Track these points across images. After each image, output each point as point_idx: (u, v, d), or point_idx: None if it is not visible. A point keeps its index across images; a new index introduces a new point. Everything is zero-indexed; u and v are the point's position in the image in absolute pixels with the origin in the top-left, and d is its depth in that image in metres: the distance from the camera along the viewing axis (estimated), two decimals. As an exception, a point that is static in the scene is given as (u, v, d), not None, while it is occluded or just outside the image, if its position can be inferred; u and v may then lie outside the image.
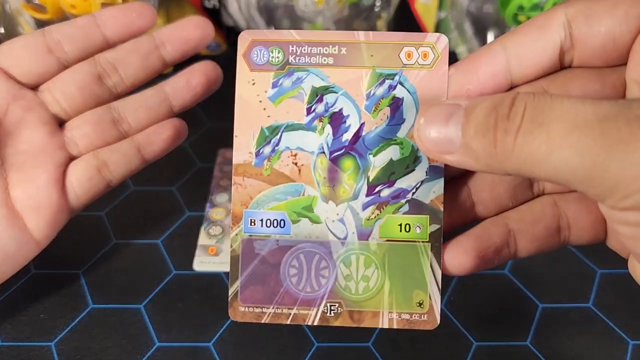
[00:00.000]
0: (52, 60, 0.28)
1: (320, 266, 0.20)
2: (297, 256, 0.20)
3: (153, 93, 0.29)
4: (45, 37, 0.28)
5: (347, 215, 0.20)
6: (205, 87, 0.29)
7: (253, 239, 0.20)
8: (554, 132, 0.15)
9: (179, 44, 0.29)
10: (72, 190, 0.28)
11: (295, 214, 0.20)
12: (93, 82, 0.28)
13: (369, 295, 0.20)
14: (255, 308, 0.20)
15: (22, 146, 0.27)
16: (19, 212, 0.26)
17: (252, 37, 0.20)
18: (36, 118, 0.27)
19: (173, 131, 0.29)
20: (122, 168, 0.28)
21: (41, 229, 0.27)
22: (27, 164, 0.27)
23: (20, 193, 0.26)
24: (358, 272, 0.20)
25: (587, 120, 0.15)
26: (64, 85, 0.28)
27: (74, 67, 0.28)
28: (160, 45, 0.29)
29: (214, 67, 0.29)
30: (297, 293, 0.20)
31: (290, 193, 0.19)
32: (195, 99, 0.30)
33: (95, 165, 0.28)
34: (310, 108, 0.20)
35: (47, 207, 0.27)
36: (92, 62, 0.28)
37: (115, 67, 0.28)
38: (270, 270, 0.20)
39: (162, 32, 0.29)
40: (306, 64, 0.20)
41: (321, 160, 0.20)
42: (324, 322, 0.20)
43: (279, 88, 0.20)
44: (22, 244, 0.26)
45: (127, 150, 0.28)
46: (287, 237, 0.20)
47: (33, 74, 0.28)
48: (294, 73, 0.20)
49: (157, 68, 0.29)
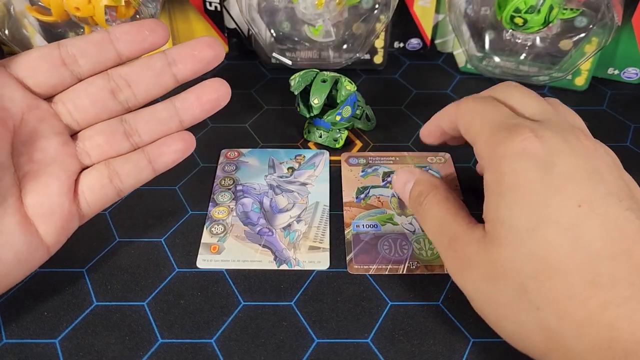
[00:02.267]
0: (66, 72, 0.28)
1: (402, 244, 0.33)
2: (387, 239, 0.33)
3: (164, 107, 0.30)
4: (60, 50, 0.28)
5: (413, 221, 0.34)
6: (215, 104, 0.30)
7: (358, 233, 0.33)
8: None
9: (190, 63, 0.29)
10: (84, 198, 0.29)
11: (383, 221, 0.34)
12: (106, 96, 0.29)
13: (435, 257, 0.32)
14: (363, 265, 0.31)
15: (37, 155, 0.28)
16: (31, 218, 0.27)
17: (348, 155, 0.39)
18: (50, 128, 0.28)
19: (182, 144, 0.30)
20: (133, 178, 0.29)
21: (52, 235, 0.27)
22: (40, 173, 0.27)
23: (33, 200, 0.27)
24: (426, 246, 0.33)
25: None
26: (77, 97, 0.29)
27: (88, 80, 0.29)
28: (172, 64, 0.29)
29: (223, 84, 0.31)
30: (389, 258, 0.32)
31: (378, 213, 0.35)
32: (204, 115, 0.30)
33: (107, 175, 0.29)
34: (383, 179, 0.37)
35: (59, 214, 0.27)
36: (105, 76, 0.29)
37: (128, 82, 0.29)
38: (370, 247, 0.32)
39: (174, 51, 0.30)
40: (377, 163, 0.39)
41: (393, 199, 0.36)
42: (409, 272, 0.31)
43: (365, 172, 0.38)
44: (34, 249, 0.27)
45: (138, 161, 0.29)
46: (379, 232, 0.33)
47: (47, 85, 0.28)
48: (372, 166, 0.38)
49: (168, 85, 0.30)
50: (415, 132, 0.41)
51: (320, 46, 0.45)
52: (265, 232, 0.33)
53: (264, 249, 0.32)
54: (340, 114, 0.38)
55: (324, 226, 0.34)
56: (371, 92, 0.45)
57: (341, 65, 0.45)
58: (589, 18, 0.40)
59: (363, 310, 0.29)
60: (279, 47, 0.45)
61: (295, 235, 0.33)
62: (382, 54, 0.47)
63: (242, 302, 0.30)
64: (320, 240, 0.33)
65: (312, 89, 0.37)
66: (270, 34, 0.44)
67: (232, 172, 0.38)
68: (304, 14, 0.42)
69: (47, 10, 0.39)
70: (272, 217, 0.34)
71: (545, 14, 0.38)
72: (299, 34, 0.44)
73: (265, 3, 0.43)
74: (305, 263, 0.32)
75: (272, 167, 0.38)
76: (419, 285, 0.31)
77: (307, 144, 0.40)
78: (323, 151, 0.40)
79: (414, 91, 0.46)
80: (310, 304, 0.30)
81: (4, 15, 0.40)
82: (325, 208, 0.35)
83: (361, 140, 0.41)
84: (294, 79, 0.38)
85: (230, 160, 0.39)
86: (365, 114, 0.41)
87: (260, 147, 0.40)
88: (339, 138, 0.39)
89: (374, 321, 0.29)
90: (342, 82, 0.37)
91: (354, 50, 0.45)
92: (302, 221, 0.34)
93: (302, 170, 0.38)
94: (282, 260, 0.32)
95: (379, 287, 0.30)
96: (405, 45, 0.49)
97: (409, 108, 0.44)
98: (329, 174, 0.38)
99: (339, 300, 0.30)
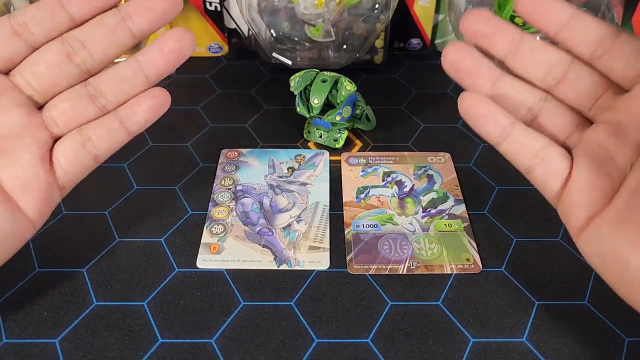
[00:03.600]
0: (20, 43, 0.28)
1: (402, 244, 0.33)
2: (387, 239, 0.33)
3: (126, 65, 0.29)
4: (11, 20, 0.28)
5: (413, 221, 0.35)
6: (178, 53, 0.28)
7: (358, 233, 0.33)
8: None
9: (145, 14, 0.28)
10: (60, 167, 0.28)
11: (383, 221, 0.34)
12: (61, 60, 0.28)
13: (435, 257, 0.32)
14: (363, 265, 0.32)
15: (1, 130, 0.27)
16: (9, 193, 0.27)
17: (348, 155, 0.39)
18: (11, 101, 0.28)
19: (154, 101, 0.28)
20: (106, 142, 0.28)
21: (34, 209, 0.27)
22: (9, 147, 0.27)
23: (7, 175, 0.27)
24: (425, 246, 0.33)
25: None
26: (33, 66, 0.28)
27: (43, 47, 0.28)
28: (127, 18, 0.28)
29: (185, 32, 0.28)
30: (389, 257, 0.32)
31: (378, 213, 0.35)
32: (169, 67, 0.29)
33: (80, 142, 0.28)
34: (383, 179, 0.37)
35: (35, 186, 0.27)
36: (60, 40, 0.28)
37: (83, 43, 0.28)
38: (371, 247, 0.33)
39: (128, 5, 0.28)
40: (377, 163, 0.39)
41: (393, 199, 0.36)
42: (409, 272, 0.31)
43: (365, 172, 0.38)
44: (17, 223, 0.26)
45: (109, 124, 0.28)
46: (379, 232, 0.33)
47: (3, 59, 0.28)
48: (372, 166, 0.38)
49: (126, 42, 0.28)
50: (415, 132, 0.41)
51: (320, 46, 0.45)
52: (265, 232, 0.33)
53: (264, 249, 0.32)
54: (340, 114, 0.38)
55: (324, 226, 0.34)
56: (371, 92, 0.45)
57: (341, 65, 0.45)
58: (589, 18, 0.40)
59: (363, 310, 0.29)
60: (279, 47, 0.45)
61: (295, 235, 0.33)
62: (382, 54, 0.47)
63: (242, 302, 0.30)
64: (320, 240, 0.33)
65: (312, 89, 0.37)
66: (270, 34, 0.44)
67: (232, 172, 0.38)
68: (304, 14, 0.42)
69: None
70: (272, 217, 0.34)
71: (545, 14, 0.38)
72: (299, 34, 0.44)
73: (265, 3, 0.43)
74: (305, 263, 0.32)
75: (272, 167, 0.38)
76: (419, 285, 0.31)
77: (307, 144, 0.40)
78: (323, 151, 0.40)
79: (414, 91, 0.46)
80: (310, 304, 0.30)
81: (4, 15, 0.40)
82: (325, 208, 0.35)
83: (361, 140, 0.41)
84: (294, 79, 0.38)
85: (230, 160, 0.39)
86: (365, 114, 0.41)
87: (260, 147, 0.40)
88: (339, 138, 0.39)
89: (374, 321, 0.29)
90: (342, 82, 0.37)
91: (354, 50, 0.45)
92: (302, 221, 0.34)
93: (302, 170, 0.38)
94: (282, 260, 0.32)
95: (379, 287, 0.30)
96: (405, 45, 0.49)
97: (409, 108, 0.44)
98: (329, 174, 0.38)
99: (339, 300, 0.30)
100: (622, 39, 0.25)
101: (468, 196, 0.36)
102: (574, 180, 0.25)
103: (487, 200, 0.36)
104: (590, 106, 0.27)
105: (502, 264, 0.32)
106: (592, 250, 0.24)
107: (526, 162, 0.26)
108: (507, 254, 0.32)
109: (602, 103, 0.26)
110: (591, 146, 0.25)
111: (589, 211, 0.24)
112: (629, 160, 0.24)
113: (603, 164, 0.24)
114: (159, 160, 0.39)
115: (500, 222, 0.34)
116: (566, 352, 0.27)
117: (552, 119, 0.27)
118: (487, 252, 0.33)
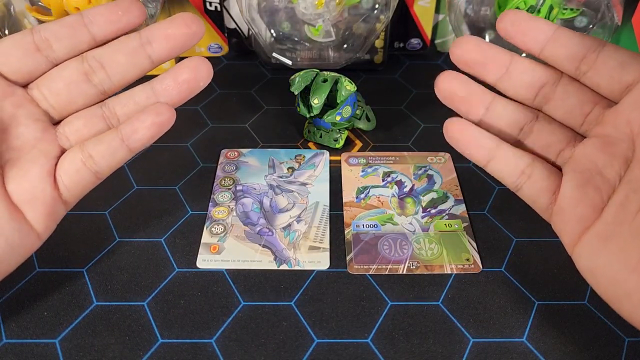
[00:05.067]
0: (40, 58, 0.28)
1: (402, 244, 0.33)
2: (387, 239, 0.33)
3: (141, 90, 0.29)
4: (34, 35, 0.28)
5: (413, 221, 0.35)
6: (192, 84, 0.28)
7: (358, 233, 0.33)
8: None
9: (165, 42, 0.28)
10: (62, 183, 0.28)
11: (383, 221, 0.34)
12: (79, 79, 0.28)
13: (435, 257, 0.32)
14: (363, 265, 0.32)
15: (15, 142, 0.27)
16: (17, 205, 0.27)
17: (348, 155, 0.39)
18: (28, 115, 0.28)
19: (157, 117, 0.28)
20: (107, 159, 0.28)
21: (40, 222, 0.27)
22: (21, 160, 0.27)
23: (16, 187, 0.27)
24: (425, 246, 0.33)
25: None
26: (51, 82, 0.28)
27: (62, 64, 0.29)
28: (146, 44, 0.28)
29: (203, 63, 0.28)
30: (389, 257, 0.32)
31: (378, 213, 0.35)
32: (182, 97, 0.29)
33: (81, 159, 0.28)
34: (383, 179, 0.37)
35: (41, 200, 0.27)
36: (79, 59, 0.29)
37: (102, 64, 0.28)
38: (370, 247, 0.33)
39: (148, 30, 0.28)
40: (377, 163, 0.39)
41: (393, 199, 0.36)
42: (409, 272, 0.31)
43: (365, 172, 0.38)
44: (24, 236, 0.27)
45: (110, 141, 0.28)
46: (379, 232, 0.33)
47: (23, 72, 0.28)
48: (372, 166, 0.38)
49: (144, 66, 0.29)
50: (415, 132, 0.41)
51: (320, 46, 0.45)
52: (265, 232, 0.33)
53: (264, 249, 0.32)
54: (340, 114, 0.38)
55: (324, 226, 0.34)
56: (371, 92, 0.45)
57: (341, 65, 0.45)
58: (588, 18, 0.40)
59: (363, 310, 0.29)
60: (279, 47, 0.45)
61: (295, 235, 0.33)
62: (382, 54, 0.47)
63: (242, 302, 0.30)
64: (320, 240, 0.33)
65: (312, 89, 0.37)
66: (270, 34, 0.44)
67: (232, 172, 0.38)
68: (304, 14, 0.42)
69: (47, 10, 0.39)
70: (272, 217, 0.34)
71: (545, 14, 0.38)
72: (299, 34, 0.44)
73: (265, 3, 0.43)
74: (305, 263, 0.32)
75: (272, 167, 0.38)
76: (419, 285, 0.31)
77: (307, 144, 0.40)
78: (323, 151, 0.40)
79: (414, 91, 0.46)
80: (310, 304, 0.30)
81: (4, 15, 0.40)
82: (325, 208, 0.35)
83: (361, 140, 0.41)
84: (294, 79, 0.38)
85: (230, 160, 0.39)
86: (365, 114, 0.41)
87: (260, 147, 0.40)
88: (339, 138, 0.39)
89: (374, 321, 0.29)
90: (342, 82, 0.37)
91: (354, 50, 0.45)
92: (302, 221, 0.34)
93: (302, 170, 0.38)
94: (282, 260, 0.32)
95: (378, 287, 0.30)
96: (405, 45, 0.49)
97: (409, 108, 0.44)
98: (329, 174, 0.38)
99: (339, 300, 0.30)
100: (605, 52, 0.25)
101: (468, 196, 0.36)
102: (562, 195, 0.25)
103: (487, 200, 0.36)
104: (581, 121, 0.27)
105: (502, 264, 0.32)
106: (583, 265, 0.24)
107: (514, 181, 0.27)
108: (507, 254, 0.32)
109: (593, 118, 0.26)
110: (581, 161, 0.25)
111: (579, 226, 0.24)
112: (618, 174, 0.24)
113: (591, 178, 0.24)
114: (159, 160, 0.39)
115: (500, 222, 0.34)
116: (566, 352, 0.28)
117: (544, 137, 0.27)
118: (487, 252, 0.33)
